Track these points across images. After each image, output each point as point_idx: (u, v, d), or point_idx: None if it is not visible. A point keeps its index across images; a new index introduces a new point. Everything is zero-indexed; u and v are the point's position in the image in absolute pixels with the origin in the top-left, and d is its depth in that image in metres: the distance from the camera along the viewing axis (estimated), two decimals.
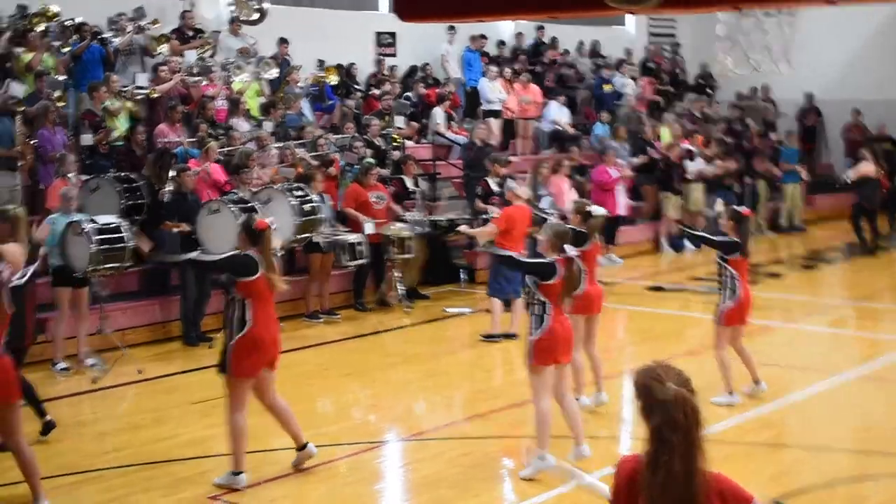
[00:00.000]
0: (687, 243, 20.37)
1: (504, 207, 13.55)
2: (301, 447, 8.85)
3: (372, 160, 16.01)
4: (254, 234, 8.44)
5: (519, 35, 24.10)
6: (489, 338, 13.48)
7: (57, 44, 16.17)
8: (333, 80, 19.30)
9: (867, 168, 19.75)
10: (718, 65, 9.64)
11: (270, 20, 19.33)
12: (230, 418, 8.38)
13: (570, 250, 8.68)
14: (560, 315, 8.60)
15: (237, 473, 8.43)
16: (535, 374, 8.59)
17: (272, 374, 8.65)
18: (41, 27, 16.01)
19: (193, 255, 9.45)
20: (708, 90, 25.74)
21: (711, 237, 11.18)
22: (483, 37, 22.62)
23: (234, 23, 18.47)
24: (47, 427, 9.57)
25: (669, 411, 3.61)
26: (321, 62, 19.28)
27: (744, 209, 10.91)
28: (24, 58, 15.42)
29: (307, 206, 13.67)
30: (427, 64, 22.18)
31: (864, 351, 13.59)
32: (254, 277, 8.30)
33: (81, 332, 12.11)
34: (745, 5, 3.48)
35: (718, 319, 10.57)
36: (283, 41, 19.04)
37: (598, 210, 10.58)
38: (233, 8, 18.50)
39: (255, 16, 18.15)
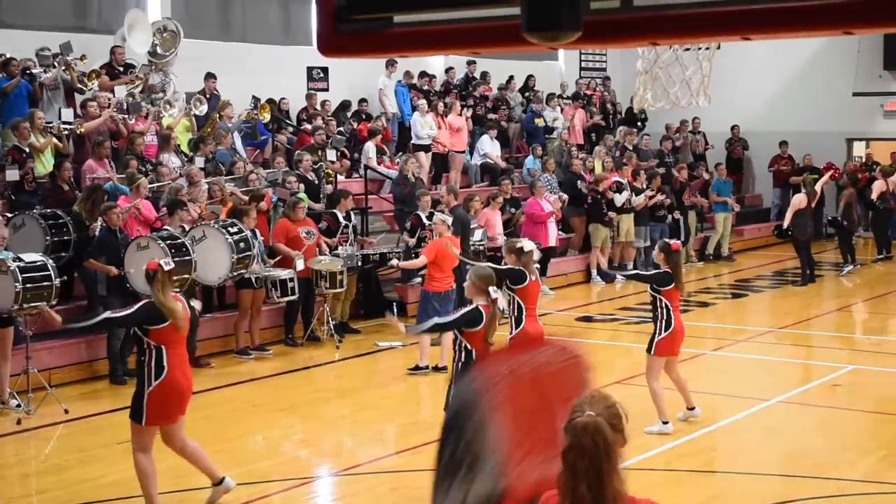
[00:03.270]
0: (617, 275, 20.53)
1: (432, 240, 13.63)
2: (217, 482, 8.75)
3: (301, 195, 15.97)
4: (147, 276, 8.35)
5: (450, 69, 24.23)
6: (416, 370, 13.48)
7: None
8: (266, 116, 19.29)
9: (799, 200, 20.02)
10: (638, 98, 9.75)
11: (200, 55, 19.32)
12: (137, 462, 8.34)
13: (494, 293, 8.58)
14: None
15: None
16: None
17: (181, 422, 8.54)
18: None
19: (105, 314, 9.23)
20: (638, 123, 26.02)
21: (643, 273, 11.35)
22: (424, 74, 22.74)
23: (153, 58, 18.40)
24: None
25: (577, 437, 3.63)
26: (256, 99, 19.25)
27: (674, 242, 11.09)
28: None
29: (242, 243, 13.61)
30: (364, 99, 22.22)
31: (791, 377, 13.76)
32: (165, 324, 8.20)
33: (4, 373, 11.90)
34: (661, 40, 3.51)
35: (651, 350, 10.65)
36: (210, 76, 18.98)
37: (528, 245, 10.57)
38: (156, 42, 18.42)
39: (171, 50, 18.21)
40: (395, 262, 14.96)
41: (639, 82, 9.56)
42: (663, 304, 10.60)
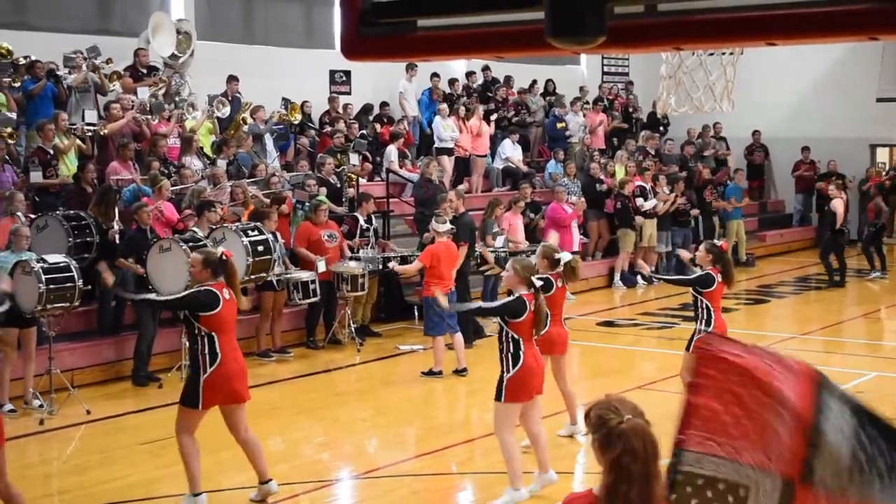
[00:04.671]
0: (639, 279, 20.53)
1: (429, 245, 13.69)
2: (264, 481, 8.90)
3: (322, 198, 16.00)
4: (220, 262, 8.58)
5: (471, 74, 24.23)
6: (429, 374, 13.52)
7: (8, 80, 16.08)
8: (297, 117, 19.35)
9: (839, 205, 19.97)
10: (661, 103, 9.73)
11: (223, 57, 19.40)
12: (180, 441, 8.50)
13: (539, 281, 8.73)
14: (532, 349, 8.63)
15: (196, 495, 8.53)
16: (503, 409, 8.58)
17: (243, 408, 8.70)
18: None
19: (151, 295, 9.49)
20: (660, 127, 25.97)
21: (686, 277, 11.32)
22: (436, 75, 22.76)
23: (169, 60, 18.51)
24: None
25: (629, 441, 3.64)
26: (286, 101, 19.33)
27: (722, 242, 11.15)
28: None
29: (260, 246, 13.63)
30: (385, 103, 22.26)
31: None
32: (217, 311, 8.35)
33: (28, 373, 11.97)
34: (685, 46, 3.51)
35: (691, 349, 10.57)
36: (231, 79, 19.03)
37: (566, 256, 10.31)
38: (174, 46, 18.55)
39: (186, 53, 18.34)
40: (392, 265, 15.00)
41: (662, 87, 9.54)
42: (704, 305, 10.63)
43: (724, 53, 9.23)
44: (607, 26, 2.69)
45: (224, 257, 8.65)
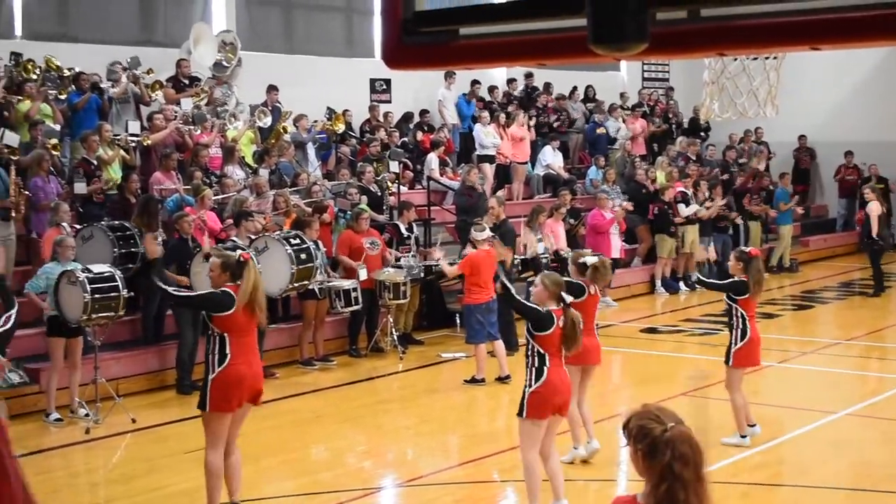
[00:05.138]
0: (681, 285, 20.46)
1: (469, 253, 13.66)
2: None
3: (364, 206, 16.05)
4: (239, 263, 8.43)
5: (511, 81, 24.24)
6: (472, 381, 13.50)
7: (53, 92, 16.26)
8: (341, 127, 19.43)
9: (875, 208, 19.78)
10: (704, 109, 9.66)
11: (264, 67, 19.52)
12: (205, 457, 8.36)
13: (568, 297, 8.41)
14: (559, 367, 8.31)
15: None
16: (525, 426, 8.31)
17: (245, 412, 8.53)
18: (35, 75, 16.13)
19: (171, 288, 9.40)
20: (701, 133, 25.85)
21: (720, 283, 11.08)
22: (476, 82, 22.79)
23: (215, 71, 18.64)
24: None
25: (677, 447, 3.63)
26: (330, 110, 19.43)
27: (752, 249, 10.93)
28: (21, 107, 15.52)
29: (303, 254, 13.67)
30: (425, 110, 22.31)
31: (859, 389, 13.58)
32: (230, 312, 8.27)
33: (74, 383, 12.07)
34: (729, 51, 3.49)
35: (729, 361, 10.49)
36: (272, 88, 19.14)
37: (591, 259, 10.17)
38: (219, 55, 18.68)
39: (232, 63, 18.47)
40: (436, 253, 14.88)
41: (705, 93, 9.49)
42: (739, 314, 10.40)
43: (767, 58, 9.17)
44: (649, 32, 2.68)
45: (241, 259, 8.57)
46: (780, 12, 2.73)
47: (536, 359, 8.26)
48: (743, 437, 10.45)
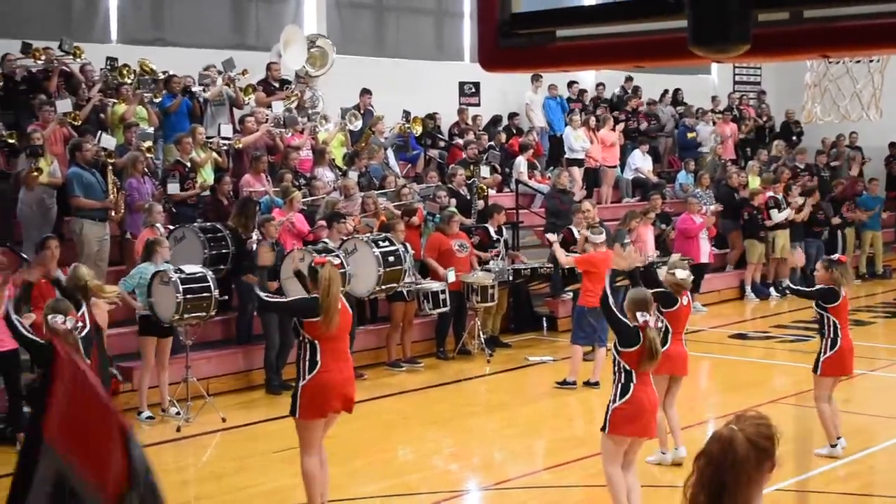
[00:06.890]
0: (772, 290, 20.18)
1: (587, 252, 13.55)
2: None
3: (453, 209, 16.07)
4: (311, 271, 8.42)
5: (600, 85, 24.11)
6: (563, 384, 13.42)
7: (148, 95, 16.54)
8: (418, 130, 19.49)
9: None
10: (806, 112, 9.47)
11: (354, 70, 19.66)
12: (301, 462, 8.39)
13: (643, 317, 8.04)
14: (647, 386, 8.09)
15: None
16: (607, 442, 8.18)
17: (336, 417, 8.53)
18: (130, 80, 16.42)
19: (263, 294, 9.47)
20: (793, 137, 25.46)
21: (809, 290, 10.85)
22: (574, 82, 22.74)
23: (303, 75, 18.82)
24: None
25: (708, 444, 3.66)
26: (407, 113, 19.51)
27: (839, 255, 10.73)
28: (116, 110, 15.81)
29: (391, 257, 13.72)
30: (514, 113, 22.30)
31: None
32: (318, 318, 8.25)
33: (163, 382, 12.25)
34: (832, 53, 3.43)
35: (818, 370, 10.27)
36: (365, 91, 19.26)
37: (680, 274, 10.06)
38: (307, 60, 18.88)
39: (324, 68, 18.64)
40: (550, 235, 14.77)
41: (807, 96, 9.29)
42: (830, 322, 10.17)
43: (871, 61, 8.98)
44: (751, 34, 2.64)
45: (313, 264, 8.52)
46: (885, 13, 2.67)
47: (623, 375, 8.09)
48: (833, 446, 10.26)
